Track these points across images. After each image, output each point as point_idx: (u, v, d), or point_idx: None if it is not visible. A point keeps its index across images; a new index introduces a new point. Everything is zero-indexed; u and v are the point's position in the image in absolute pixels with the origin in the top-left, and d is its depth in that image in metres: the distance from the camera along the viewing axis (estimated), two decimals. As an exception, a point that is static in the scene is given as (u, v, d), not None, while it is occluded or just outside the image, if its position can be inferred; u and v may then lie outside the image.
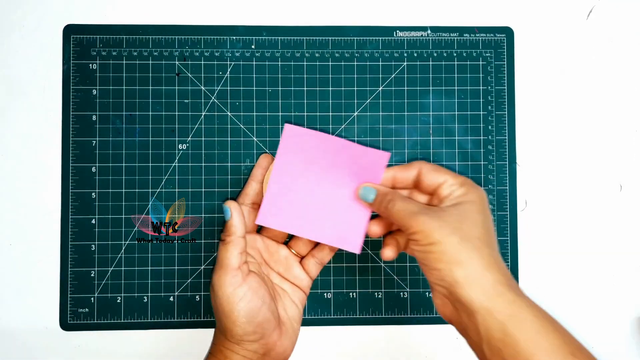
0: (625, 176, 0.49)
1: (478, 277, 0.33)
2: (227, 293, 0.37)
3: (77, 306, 0.47)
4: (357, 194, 0.40)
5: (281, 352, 0.40)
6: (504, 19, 0.49)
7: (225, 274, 0.38)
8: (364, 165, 0.40)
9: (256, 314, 0.38)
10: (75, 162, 0.47)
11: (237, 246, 0.38)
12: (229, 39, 0.48)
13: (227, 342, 0.38)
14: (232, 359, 0.38)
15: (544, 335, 0.32)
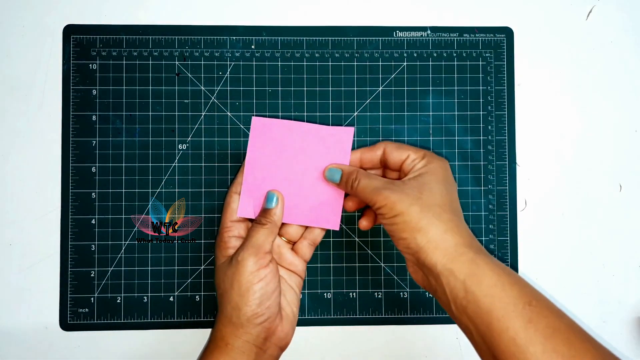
0: (625, 176, 0.49)
1: (439, 241, 0.36)
2: (251, 271, 0.39)
3: (77, 306, 0.47)
4: (324, 175, 0.43)
5: (282, 337, 0.40)
6: (504, 19, 0.49)
7: (255, 254, 0.39)
8: (332, 144, 0.43)
9: (268, 297, 0.39)
10: (75, 162, 0.47)
11: (273, 232, 0.41)
12: (228, 39, 0.48)
13: (230, 327, 0.39)
14: (234, 344, 0.38)
15: (500, 288, 0.34)
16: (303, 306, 0.48)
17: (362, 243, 0.48)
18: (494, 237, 0.48)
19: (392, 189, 0.38)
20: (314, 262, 0.48)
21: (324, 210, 0.43)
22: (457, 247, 0.35)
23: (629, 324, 0.49)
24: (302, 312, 0.48)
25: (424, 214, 0.36)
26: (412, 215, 0.36)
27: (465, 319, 0.34)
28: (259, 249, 0.39)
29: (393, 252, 0.48)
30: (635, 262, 0.49)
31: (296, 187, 0.43)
